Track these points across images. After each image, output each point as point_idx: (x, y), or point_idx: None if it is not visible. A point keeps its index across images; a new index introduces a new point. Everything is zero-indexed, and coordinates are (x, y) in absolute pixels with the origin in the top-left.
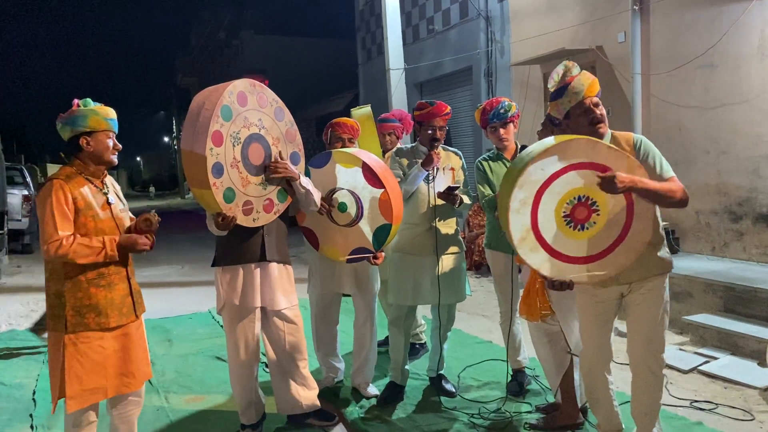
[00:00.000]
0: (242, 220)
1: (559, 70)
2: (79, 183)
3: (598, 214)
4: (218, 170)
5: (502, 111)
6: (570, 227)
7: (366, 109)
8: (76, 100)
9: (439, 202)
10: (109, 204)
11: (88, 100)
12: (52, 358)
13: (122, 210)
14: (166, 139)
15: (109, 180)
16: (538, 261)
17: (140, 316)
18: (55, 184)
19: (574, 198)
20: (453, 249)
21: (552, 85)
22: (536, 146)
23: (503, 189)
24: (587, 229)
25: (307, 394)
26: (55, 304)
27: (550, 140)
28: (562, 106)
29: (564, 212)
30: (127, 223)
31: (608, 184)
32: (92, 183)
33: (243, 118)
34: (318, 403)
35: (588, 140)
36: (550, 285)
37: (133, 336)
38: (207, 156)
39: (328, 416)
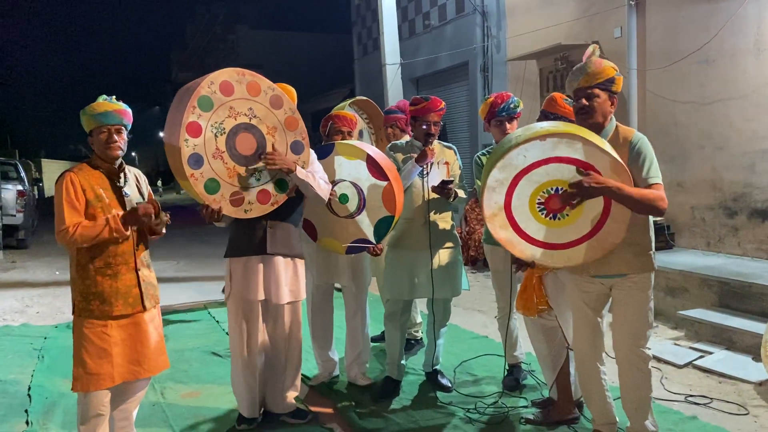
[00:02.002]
0: (231, 212)
1: (589, 51)
2: (90, 175)
3: (572, 208)
4: (196, 161)
5: (512, 106)
6: (542, 215)
7: (344, 104)
8: None
9: (434, 196)
10: (123, 196)
11: (100, 96)
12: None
13: (139, 203)
14: (161, 134)
15: (134, 172)
16: (506, 237)
17: (151, 308)
18: (66, 176)
19: (552, 188)
20: (448, 243)
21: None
22: (525, 130)
23: (486, 165)
24: (559, 219)
25: (289, 396)
26: (71, 288)
27: (540, 126)
28: (567, 86)
29: (539, 200)
30: None
31: (577, 188)
32: (105, 176)
33: (228, 107)
34: (294, 403)
35: (576, 135)
36: (513, 261)
37: (143, 327)
38: (181, 147)
39: (301, 414)
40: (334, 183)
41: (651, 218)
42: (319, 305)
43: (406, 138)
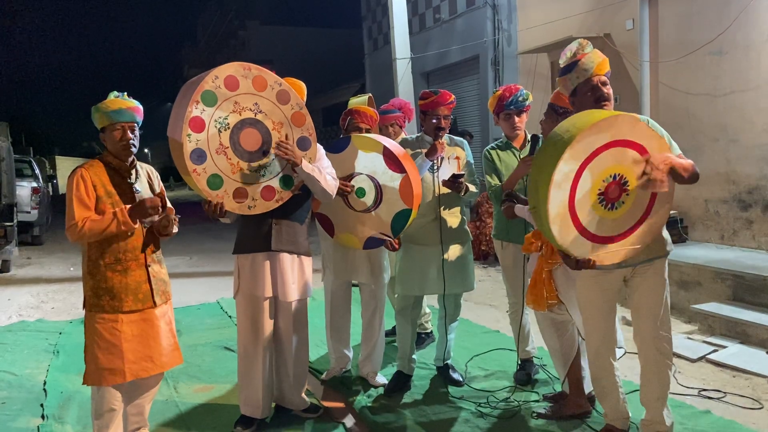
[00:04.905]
0: (234, 208)
1: (572, 47)
2: (102, 172)
3: (627, 194)
4: (199, 156)
5: (520, 99)
6: (602, 205)
7: (364, 98)
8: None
9: (444, 191)
10: (134, 192)
11: (112, 93)
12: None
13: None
14: None
15: (146, 169)
16: (568, 239)
17: (162, 304)
18: (77, 172)
19: (610, 176)
20: (459, 238)
21: (563, 61)
22: (580, 118)
23: (543, 162)
24: (616, 208)
25: (299, 394)
26: (83, 284)
27: (594, 114)
28: (570, 81)
29: (599, 189)
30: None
31: (652, 182)
32: (117, 172)
33: (232, 102)
34: (306, 400)
35: (631, 117)
36: (573, 265)
37: (155, 322)
38: (184, 142)
39: (313, 409)
40: (350, 177)
41: None
42: (338, 302)
43: (403, 135)
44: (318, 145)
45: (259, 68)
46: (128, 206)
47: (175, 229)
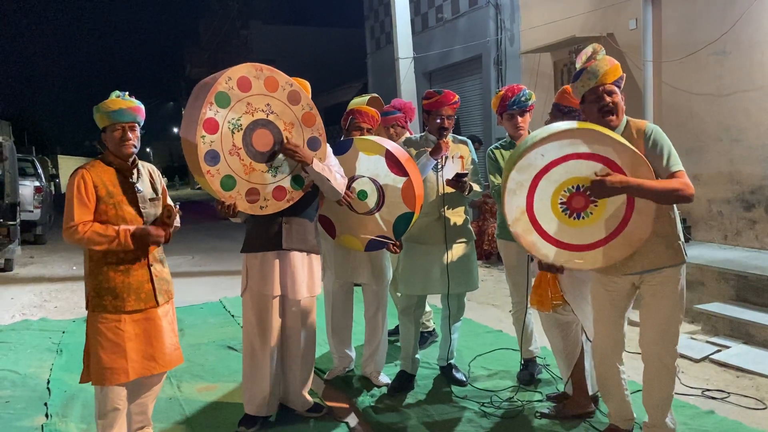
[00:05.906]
0: (246, 208)
1: (588, 51)
2: (103, 172)
3: (596, 205)
4: (213, 158)
5: (523, 99)
6: (566, 215)
7: (365, 98)
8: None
9: (448, 190)
10: (136, 192)
11: (113, 92)
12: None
13: (153, 199)
14: (175, 129)
15: (148, 168)
16: (531, 241)
17: (164, 303)
18: (79, 173)
19: (573, 186)
20: (462, 238)
21: (578, 66)
22: (541, 131)
23: (504, 168)
24: (584, 218)
25: (304, 392)
26: (85, 284)
27: (556, 126)
28: (576, 90)
29: (561, 199)
30: (159, 211)
31: (597, 188)
32: (119, 172)
33: (245, 103)
34: (310, 399)
35: (593, 130)
36: (539, 265)
37: (157, 322)
38: (198, 144)
39: (317, 408)
40: (352, 179)
41: (676, 207)
42: (339, 303)
43: (406, 135)
44: (326, 145)
45: (271, 69)
46: (132, 228)
47: (178, 223)
